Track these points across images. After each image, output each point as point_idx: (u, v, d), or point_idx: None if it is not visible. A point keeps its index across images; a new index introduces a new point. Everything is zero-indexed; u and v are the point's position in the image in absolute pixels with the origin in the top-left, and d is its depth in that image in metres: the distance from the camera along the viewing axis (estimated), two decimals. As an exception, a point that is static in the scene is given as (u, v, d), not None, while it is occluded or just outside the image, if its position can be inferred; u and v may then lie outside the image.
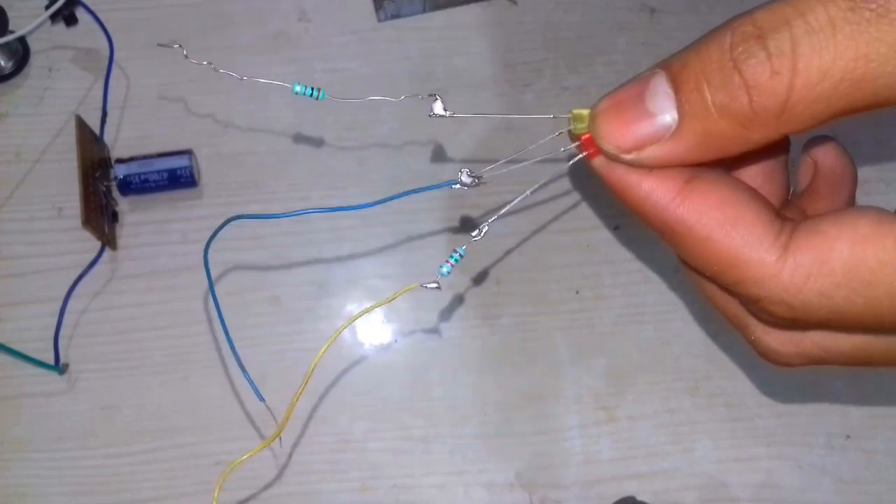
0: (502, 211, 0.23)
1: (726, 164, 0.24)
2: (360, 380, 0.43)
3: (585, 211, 0.45)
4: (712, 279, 0.22)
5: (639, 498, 0.41)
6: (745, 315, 0.24)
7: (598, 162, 0.21)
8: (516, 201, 0.23)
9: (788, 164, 0.25)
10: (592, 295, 0.45)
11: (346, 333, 0.44)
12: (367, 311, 0.23)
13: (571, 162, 0.22)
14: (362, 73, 0.48)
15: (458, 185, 0.22)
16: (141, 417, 0.42)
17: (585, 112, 0.21)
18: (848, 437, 0.43)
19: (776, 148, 0.24)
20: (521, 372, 0.43)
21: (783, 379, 0.43)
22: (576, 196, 0.46)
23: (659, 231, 0.21)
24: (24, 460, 0.42)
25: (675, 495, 0.42)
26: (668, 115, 0.19)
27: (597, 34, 0.49)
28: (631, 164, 0.20)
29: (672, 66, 0.19)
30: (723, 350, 0.44)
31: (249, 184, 0.46)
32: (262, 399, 0.25)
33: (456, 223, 0.45)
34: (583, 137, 0.21)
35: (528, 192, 0.23)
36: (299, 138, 0.47)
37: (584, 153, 0.21)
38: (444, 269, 0.22)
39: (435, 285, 0.22)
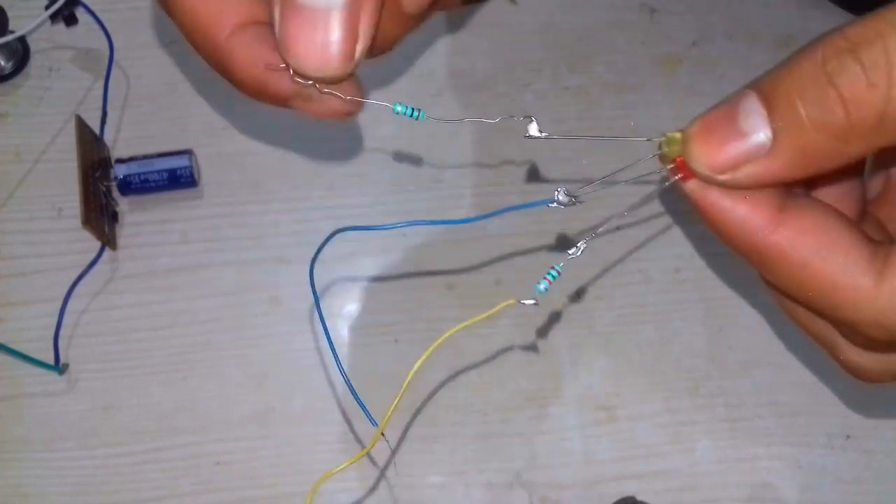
0: (600, 229, 0.23)
1: (807, 184, 0.24)
2: (359, 380, 0.43)
3: (585, 211, 0.45)
4: (804, 304, 0.22)
5: (639, 498, 0.41)
6: (833, 335, 0.24)
7: (692, 185, 0.21)
8: (613, 220, 0.23)
9: (864, 175, 0.25)
10: (592, 295, 0.45)
11: (345, 333, 0.44)
12: (467, 324, 0.23)
13: (666, 185, 0.22)
14: (362, 73, 0.48)
15: (554, 204, 0.23)
16: (141, 417, 0.42)
17: (678, 135, 0.21)
18: (848, 437, 0.43)
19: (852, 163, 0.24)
20: (521, 372, 0.43)
21: (783, 379, 0.43)
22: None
23: (750, 257, 0.21)
24: (24, 460, 0.42)
25: (675, 495, 0.42)
26: (762, 134, 0.19)
27: (597, 34, 0.49)
28: (725, 186, 0.20)
29: (763, 86, 0.19)
30: (723, 350, 0.44)
31: (249, 184, 0.46)
32: (374, 424, 0.24)
33: (458, 221, 0.45)
34: (677, 160, 0.21)
35: (625, 213, 0.24)
36: (299, 138, 0.47)
37: (678, 176, 0.21)
38: (542, 286, 0.23)
39: (532, 302, 0.23)
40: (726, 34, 0.49)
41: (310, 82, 0.22)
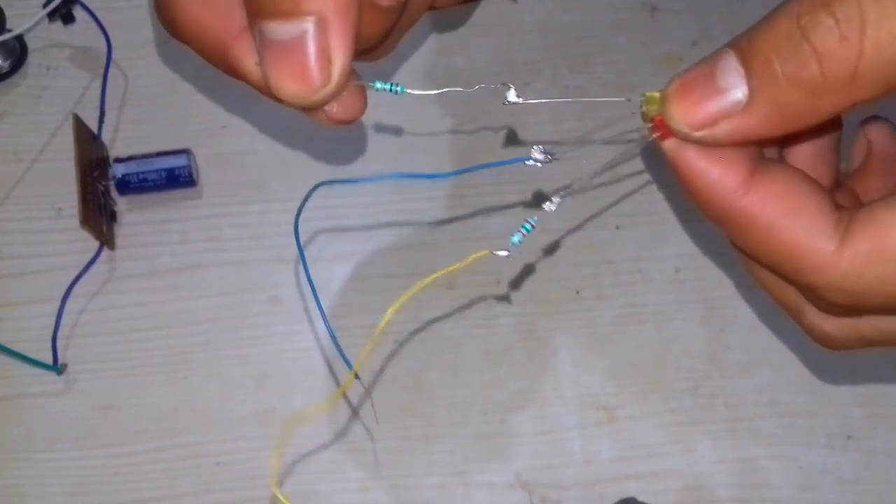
0: (573, 187, 0.23)
1: (780, 144, 0.24)
2: (361, 377, 0.43)
3: (585, 211, 0.45)
4: (770, 268, 0.22)
5: (639, 498, 0.41)
6: (800, 301, 0.24)
7: (670, 144, 0.21)
8: (588, 175, 0.23)
9: (840, 144, 0.25)
10: (592, 295, 0.45)
11: (345, 333, 0.44)
12: (438, 276, 0.24)
13: (645, 142, 0.22)
14: (362, 73, 0.48)
15: (530, 162, 0.23)
16: (140, 417, 0.42)
17: (657, 94, 0.21)
18: (849, 437, 0.43)
19: (828, 127, 0.24)
20: (521, 372, 0.43)
21: (783, 379, 0.43)
22: (576, 196, 0.46)
23: (720, 220, 0.22)
24: (22, 460, 0.42)
25: (675, 495, 0.42)
26: (738, 91, 0.19)
27: (597, 34, 0.49)
28: (703, 143, 0.20)
29: (740, 43, 0.20)
30: (723, 350, 0.44)
31: (249, 183, 0.46)
32: (350, 367, 0.24)
33: (461, 222, 0.45)
34: (655, 119, 0.21)
35: (599, 170, 0.24)
36: (298, 137, 0.47)
37: (657, 135, 0.21)
38: (515, 239, 0.23)
39: (505, 253, 0.23)
40: (726, 34, 0.48)
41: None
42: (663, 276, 0.45)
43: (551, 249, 0.45)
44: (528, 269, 0.44)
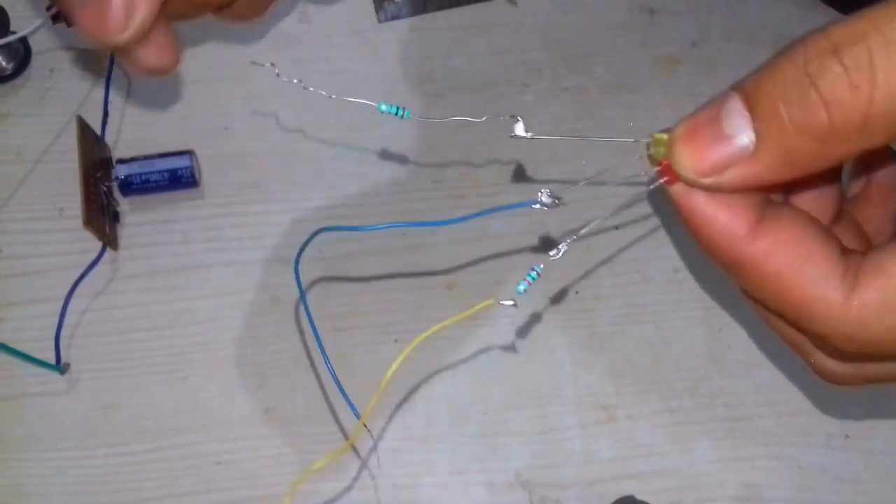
0: (582, 231, 0.23)
1: (787, 187, 0.24)
2: (359, 379, 0.43)
3: (585, 211, 0.45)
4: (778, 314, 0.22)
5: (638, 497, 0.41)
6: (805, 342, 0.24)
7: (677, 189, 0.21)
8: (595, 222, 0.23)
9: (841, 177, 0.25)
10: (592, 295, 0.45)
11: (345, 333, 0.44)
12: (444, 325, 0.24)
13: (651, 187, 0.22)
14: (363, 73, 0.48)
15: (537, 206, 0.23)
16: (142, 417, 0.43)
17: (665, 136, 0.21)
18: (847, 436, 0.43)
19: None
20: (521, 372, 0.44)
21: (783, 379, 0.44)
22: (576, 195, 0.46)
23: (727, 266, 0.21)
24: (25, 460, 0.42)
25: (674, 495, 0.42)
26: (745, 137, 0.19)
27: (596, 34, 0.49)
28: (710, 189, 0.20)
29: (746, 87, 0.19)
30: (722, 350, 0.44)
31: (250, 184, 0.46)
32: (357, 416, 0.24)
33: (461, 223, 0.45)
34: (663, 163, 0.21)
35: (607, 215, 0.24)
36: (300, 139, 0.47)
37: (664, 179, 0.21)
38: (521, 287, 0.23)
39: (511, 303, 0.23)
40: (725, 35, 0.49)
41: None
42: (663, 276, 0.45)
43: (551, 249, 0.45)
44: (528, 270, 0.45)
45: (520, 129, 0.22)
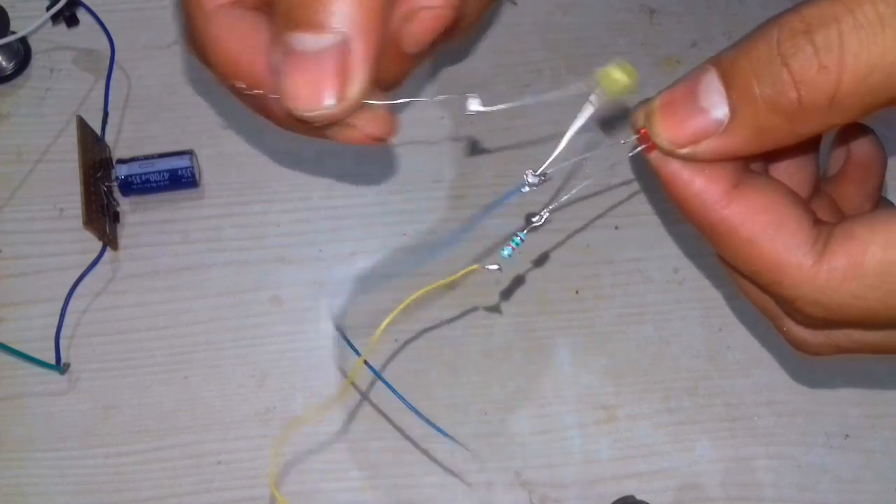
0: (563, 199, 0.24)
1: (764, 158, 0.25)
2: (359, 380, 0.43)
3: (585, 211, 0.45)
4: (750, 278, 0.23)
5: (638, 497, 0.41)
6: (777, 309, 0.25)
7: (655, 156, 0.22)
8: (576, 190, 0.24)
9: (819, 153, 0.25)
10: (592, 295, 0.45)
11: (344, 333, 0.44)
12: (429, 290, 0.24)
13: (631, 154, 0.22)
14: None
15: (526, 189, 0.23)
16: (142, 417, 0.43)
17: (616, 73, 0.22)
18: (847, 436, 0.43)
19: (809, 140, 0.24)
20: (521, 372, 0.44)
21: (782, 379, 0.44)
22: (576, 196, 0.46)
23: (702, 229, 0.22)
24: (25, 460, 0.42)
25: (674, 494, 0.42)
26: (720, 111, 0.20)
27: (596, 35, 0.49)
28: (686, 159, 0.21)
29: (722, 63, 0.20)
30: (722, 350, 0.44)
31: (250, 184, 0.46)
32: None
33: (462, 223, 0.46)
34: (641, 131, 0.22)
35: (585, 183, 0.24)
36: (300, 138, 0.46)
37: (642, 147, 0.22)
38: (505, 252, 0.23)
39: (496, 267, 0.23)
40: (725, 35, 0.49)
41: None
42: (663, 276, 0.45)
43: (551, 249, 0.45)
44: (528, 270, 0.45)
45: (475, 104, 0.23)
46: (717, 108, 0.20)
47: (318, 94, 0.22)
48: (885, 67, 0.18)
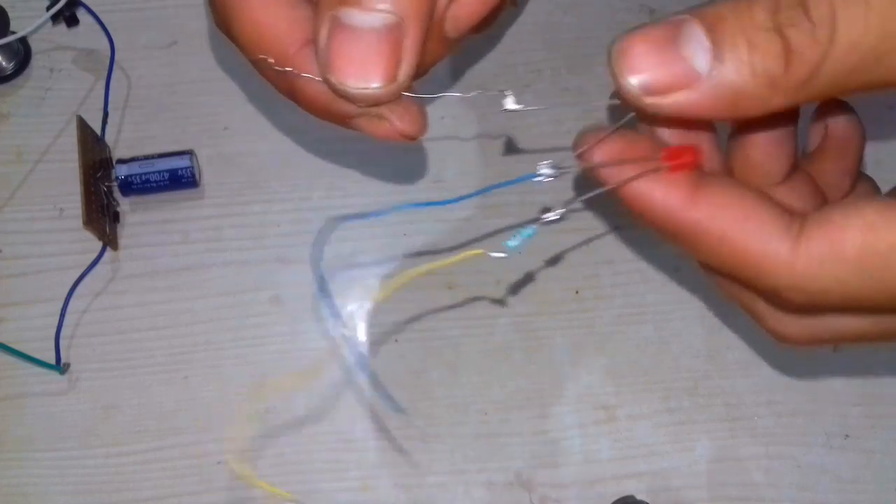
0: (583, 197, 0.23)
1: (741, 130, 0.24)
2: (359, 379, 0.43)
3: (585, 211, 0.45)
4: (728, 276, 0.22)
5: (638, 497, 0.41)
6: (759, 304, 0.25)
7: (607, 172, 0.21)
8: (597, 191, 0.23)
9: (797, 130, 0.25)
10: (592, 295, 0.45)
11: (344, 334, 0.44)
12: (430, 270, 0.23)
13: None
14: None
15: (540, 178, 0.23)
16: (142, 417, 0.43)
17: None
18: (847, 436, 0.43)
19: (787, 116, 0.24)
20: (521, 372, 0.44)
21: (782, 378, 0.44)
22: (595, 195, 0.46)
23: (674, 237, 0.22)
24: (25, 460, 0.42)
25: (674, 494, 0.42)
26: (701, 62, 0.19)
27: (596, 35, 0.49)
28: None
29: (707, 17, 0.19)
30: (722, 349, 0.44)
31: (250, 184, 0.46)
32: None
33: (462, 222, 0.45)
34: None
35: (603, 190, 0.23)
36: (300, 138, 0.47)
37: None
38: (512, 243, 0.23)
39: (501, 255, 0.23)
40: (725, 35, 0.49)
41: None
42: (663, 276, 0.45)
43: (551, 249, 0.45)
44: (528, 270, 0.45)
45: (510, 102, 0.23)
46: (698, 59, 0.19)
47: (369, 72, 0.21)
48: (864, 47, 0.17)
